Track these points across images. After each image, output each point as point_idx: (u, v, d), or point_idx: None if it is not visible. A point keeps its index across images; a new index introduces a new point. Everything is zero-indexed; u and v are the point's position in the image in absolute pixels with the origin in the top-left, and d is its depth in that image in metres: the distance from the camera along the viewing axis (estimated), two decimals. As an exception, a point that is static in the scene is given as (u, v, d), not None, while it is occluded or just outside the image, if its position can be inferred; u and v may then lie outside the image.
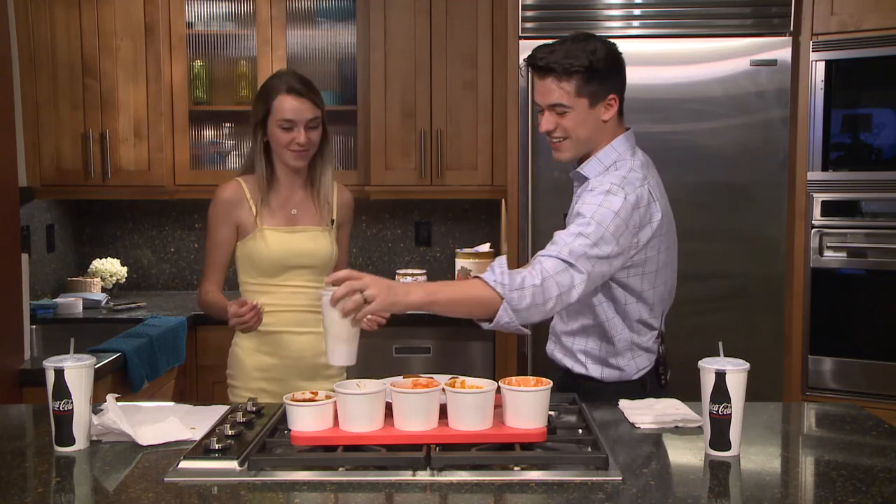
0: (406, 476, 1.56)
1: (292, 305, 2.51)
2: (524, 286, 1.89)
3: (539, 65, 2.09)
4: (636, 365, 2.18)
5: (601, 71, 2.08)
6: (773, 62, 3.27)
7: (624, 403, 2.04)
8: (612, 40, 2.18)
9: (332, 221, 2.57)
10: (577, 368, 2.22)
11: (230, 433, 1.75)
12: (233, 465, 1.60)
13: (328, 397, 1.73)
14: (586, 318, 2.18)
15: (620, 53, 2.15)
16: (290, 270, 2.49)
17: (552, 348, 2.31)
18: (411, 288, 1.87)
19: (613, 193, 2.03)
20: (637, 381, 2.19)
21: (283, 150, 2.46)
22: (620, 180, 2.06)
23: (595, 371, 2.20)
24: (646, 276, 2.12)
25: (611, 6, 3.35)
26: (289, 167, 2.50)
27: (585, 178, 2.16)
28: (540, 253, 1.99)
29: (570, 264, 1.94)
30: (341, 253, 2.63)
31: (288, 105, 2.42)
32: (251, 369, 2.51)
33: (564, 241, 1.97)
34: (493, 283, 1.88)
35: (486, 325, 1.94)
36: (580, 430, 1.82)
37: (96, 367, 1.86)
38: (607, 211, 2.00)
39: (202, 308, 2.57)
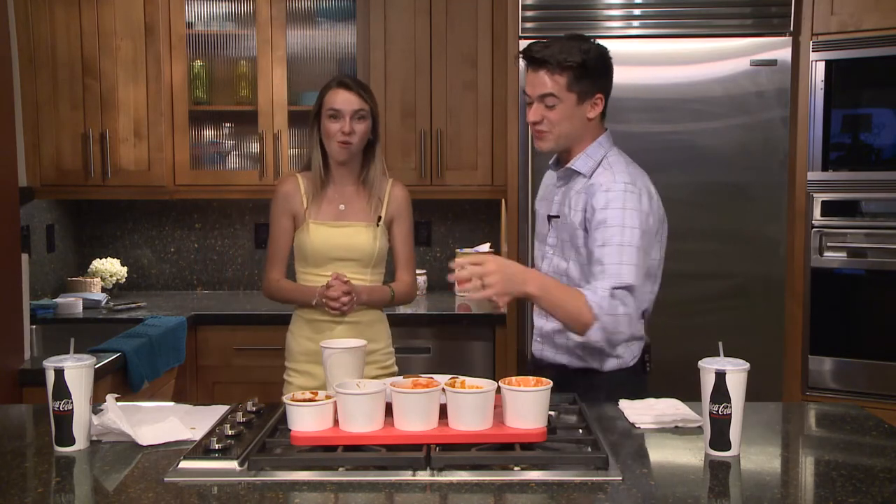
0: (406, 476, 1.56)
1: None
2: (617, 313, 2.00)
3: (535, 57, 2.17)
4: (632, 352, 2.23)
5: (592, 70, 2.16)
6: (773, 62, 3.27)
7: (624, 403, 2.04)
8: (608, 42, 2.26)
9: (380, 218, 2.65)
10: (575, 363, 2.24)
11: (230, 433, 1.75)
12: (233, 465, 1.60)
13: (328, 397, 1.73)
14: None
15: (610, 57, 2.22)
16: (334, 262, 2.60)
17: (540, 349, 2.32)
18: (528, 278, 2.01)
19: (629, 205, 2.10)
20: (633, 367, 2.24)
21: (331, 142, 2.58)
22: (630, 177, 2.15)
23: (595, 363, 2.22)
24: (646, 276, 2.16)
25: (611, 6, 3.35)
26: (335, 160, 2.62)
27: (575, 174, 2.22)
28: (599, 284, 2.04)
29: (628, 288, 2.04)
30: (399, 245, 2.70)
31: (336, 96, 2.57)
32: (297, 353, 2.66)
33: (615, 272, 2.05)
34: (592, 303, 1.99)
35: (577, 338, 2.08)
36: (580, 430, 1.82)
37: (96, 367, 1.86)
38: (632, 220, 2.09)
39: (272, 296, 2.68)
